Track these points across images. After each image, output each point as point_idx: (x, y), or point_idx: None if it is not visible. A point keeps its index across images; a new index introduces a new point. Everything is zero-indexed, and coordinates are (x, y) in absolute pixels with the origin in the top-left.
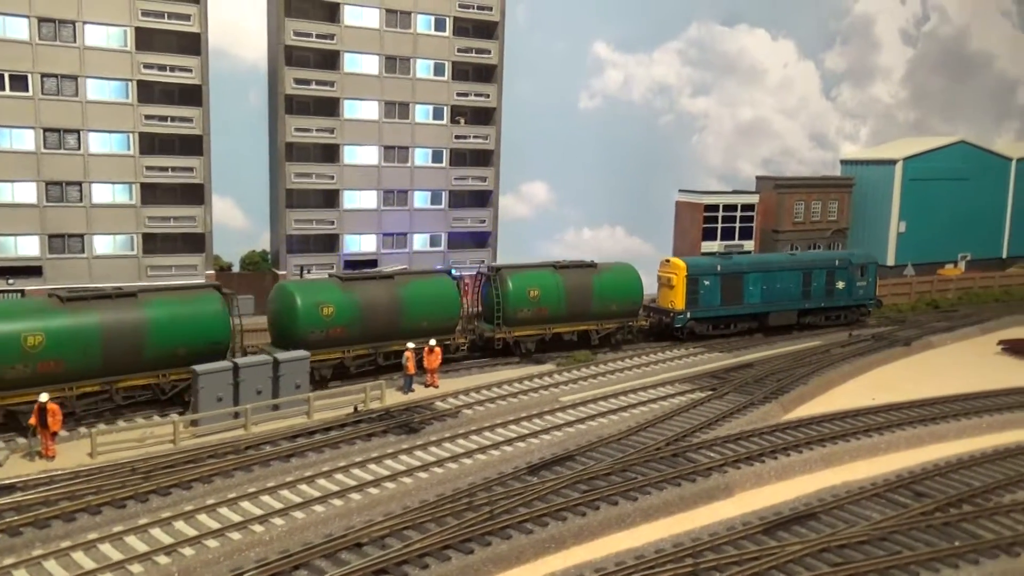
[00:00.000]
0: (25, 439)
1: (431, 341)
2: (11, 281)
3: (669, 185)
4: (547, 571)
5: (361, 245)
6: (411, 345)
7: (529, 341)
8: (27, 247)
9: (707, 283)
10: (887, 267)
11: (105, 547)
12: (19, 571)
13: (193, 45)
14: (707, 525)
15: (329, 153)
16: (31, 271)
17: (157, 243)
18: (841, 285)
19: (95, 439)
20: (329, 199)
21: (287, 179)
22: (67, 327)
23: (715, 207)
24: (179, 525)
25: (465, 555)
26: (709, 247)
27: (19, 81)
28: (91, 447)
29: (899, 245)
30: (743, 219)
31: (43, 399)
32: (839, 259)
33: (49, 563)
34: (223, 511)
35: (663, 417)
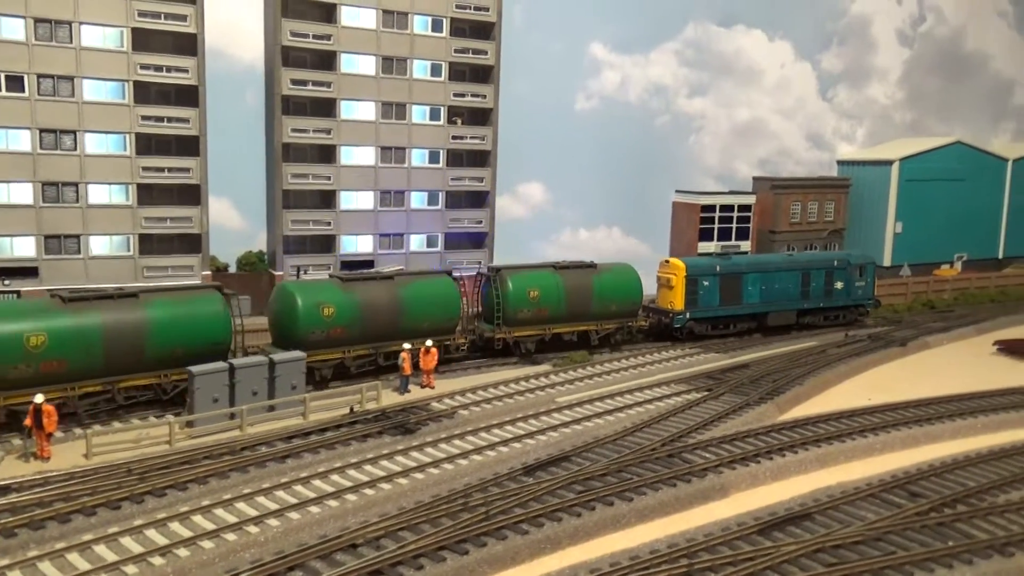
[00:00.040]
0: (20, 440)
1: (427, 342)
2: (7, 282)
3: (666, 186)
4: (542, 571)
5: (358, 246)
6: (407, 346)
7: (529, 341)
8: (23, 248)
9: (706, 283)
10: (883, 268)
11: (100, 548)
12: (13, 572)
13: (190, 46)
14: (702, 526)
15: (326, 154)
16: (27, 272)
17: (153, 244)
18: (840, 285)
19: (90, 440)
20: (326, 200)
21: (284, 180)
22: (69, 327)
23: (712, 208)
24: (174, 526)
25: (460, 556)
26: (706, 247)
27: (15, 82)
28: (87, 448)
29: (895, 245)
30: (740, 220)
31: (38, 400)
32: (838, 259)
33: (44, 564)
34: (218, 512)
35: (659, 418)
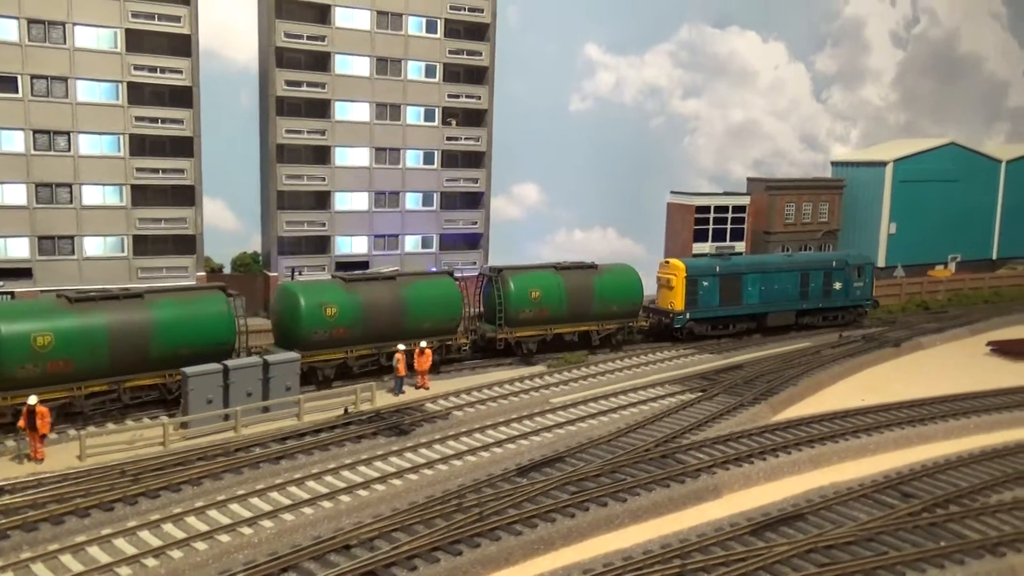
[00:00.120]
0: (14, 441)
1: (422, 343)
2: (1, 283)
3: (660, 186)
4: (536, 572)
5: (353, 247)
6: (402, 347)
7: (530, 342)
8: (17, 249)
9: (706, 284)
10: (877, 268)
11: (93, 550)
12: (6, 574)
13: (184, 46)
14: (695, 526)
15: (320, 155)
16: (21, 273)
17: (148, 245)
18: (838, 286)
19: (84, 442)
20: (320, 201)
21: (278, 181)
22: (75, 327)
23: (706, 208)
24: (168, 527)
25: (454, 557)
26: (700, 248)
27: (8, 82)
28: (80, 450)
29: (889, 246)
30: (734, 220)
31: (32, 402)
32: (836, 260)
33: (37, 566)
34: (212, 513)
35: (653, 418)
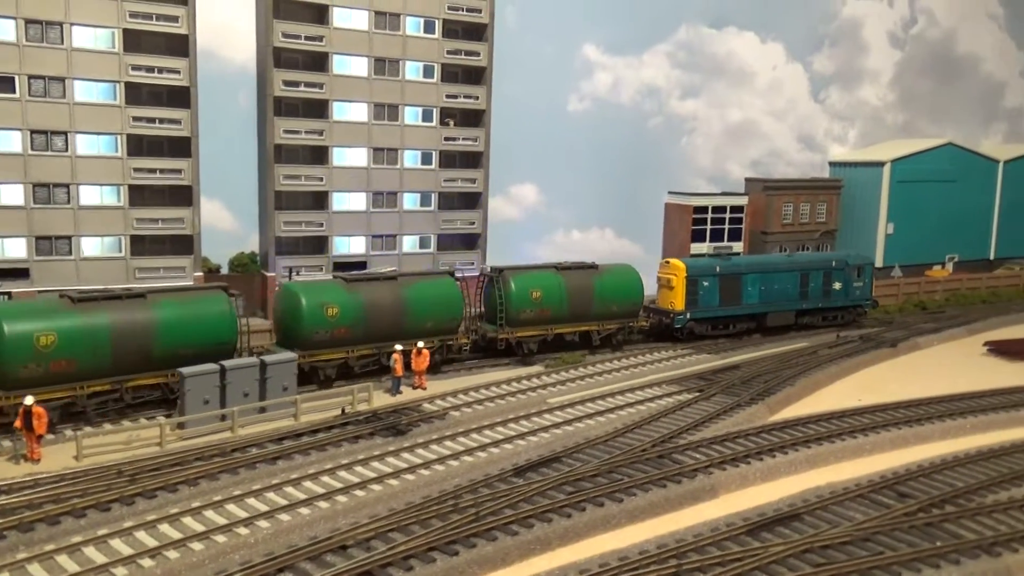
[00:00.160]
0: (10, 442)
1: (419, 343)
2: None
3: (658, 187)
4: (532, 572)
5: (350, 247)
6: (399, 347)
7: (531, 342)
8: (14, 249)
9: (706, 284)
10: (875, 268)
11: (89, 550)
12: (2, 574)
13: (181, 47)
14: (692, 526)
15: (318, 155)
16: (18, 273)
17: (145, 245)
18: (838, 286)
19: (81, 442)
20: (318, 201)
21: (276, 181)
22: (78, 327)
23: (704, 209)
24: (164, 528)
25: (450, 557)
26: (698, 248)
27: (6, 82)
28: (77, 450)
29: (887, 247)
30: (732, 221)
31: (28, 402)
32: (836, 260)
33: (33, 567)
34: (208, 514)
35: (650, 419)
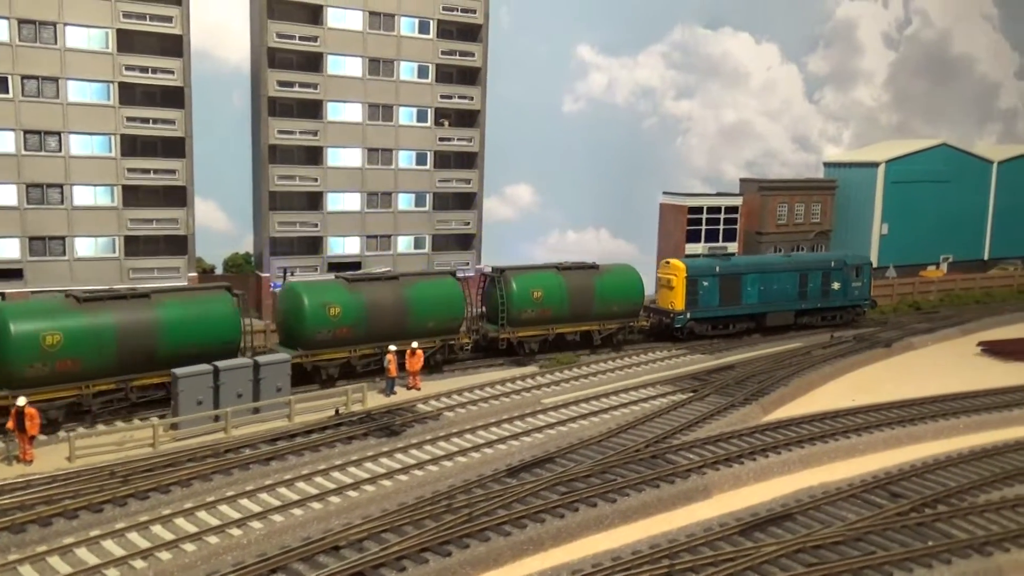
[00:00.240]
0: (3, 443)
1: (413, 343)
2: None
3: (653, 187)
4: (525, 572)
5: (345, 247)
6: (393, 348)
7: (532, 341)
8: (7, 250)
9: (706, 284)
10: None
11: (81, 551)
12: None
13: (175, 47)
14: (684, 526)
15: (312, 155)
16: (11, 274)
17: (139, 245)
18: (837, 286)
19: (74, 443)
20: (313, 201)
21: (270, 181)
22: (84, 327)
23: (699, 209)
24: (156, 529)
25: (443, 557)
26: (693, 249)
27: None
28: (70, 451)
29: (881, 247)
30: (727, 221)
31: (21, 403)
32: (835, 260)
33: (24, 568)
34: (201, 515)
35: (644, 419)
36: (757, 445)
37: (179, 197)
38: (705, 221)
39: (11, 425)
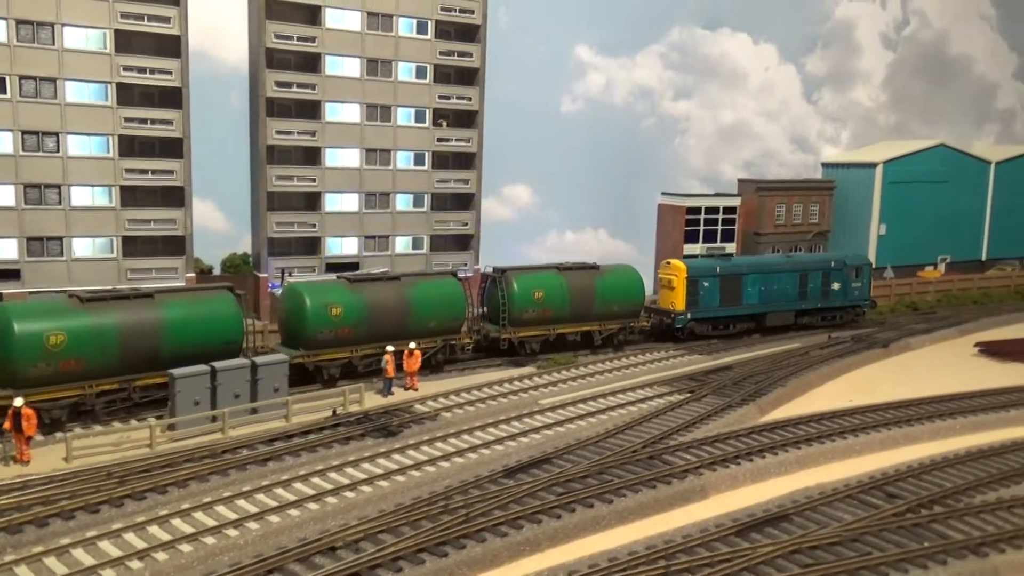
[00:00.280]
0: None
1: (411, 344)
2: None
3: (651, 188)
4: (521, 573)
5: (343, 248)
6: (390, 348)
7: (534, 342)
8: (5, 250)
9: (707, 284)
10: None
11: (78, 552)
12: None
13: (173, 47)
14: (681, 527)
15: (310, 156)
16: (9, 275)
17: (137, 246)
18: (837, 286)
19: (71, 443)
20: (311, 202)
21: (268, 182)
22: (87, 327)
23: (697, 209)
24: (153, 530)
25: (439, 558)
26: (691, 249)
27: None
28: (67, 452)
29: (879, 247)
30: (725, 221)
31: (18, 403)
32: (835, 261)
33: (21, 568)
34: (198, 515)
35: (641, 420)
36: (754, 446)
37: (177, 197)
38: (703, 221)
39: (8, 426)
